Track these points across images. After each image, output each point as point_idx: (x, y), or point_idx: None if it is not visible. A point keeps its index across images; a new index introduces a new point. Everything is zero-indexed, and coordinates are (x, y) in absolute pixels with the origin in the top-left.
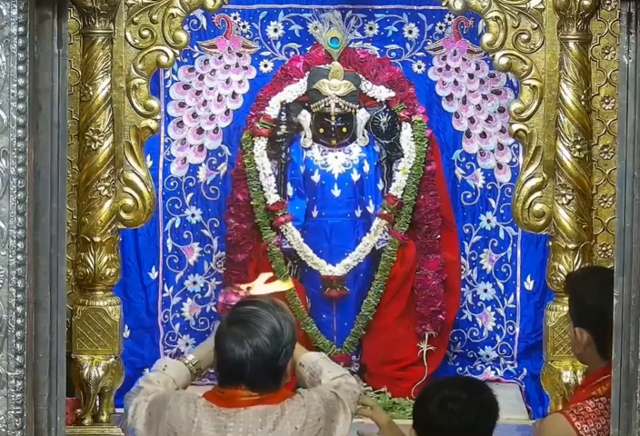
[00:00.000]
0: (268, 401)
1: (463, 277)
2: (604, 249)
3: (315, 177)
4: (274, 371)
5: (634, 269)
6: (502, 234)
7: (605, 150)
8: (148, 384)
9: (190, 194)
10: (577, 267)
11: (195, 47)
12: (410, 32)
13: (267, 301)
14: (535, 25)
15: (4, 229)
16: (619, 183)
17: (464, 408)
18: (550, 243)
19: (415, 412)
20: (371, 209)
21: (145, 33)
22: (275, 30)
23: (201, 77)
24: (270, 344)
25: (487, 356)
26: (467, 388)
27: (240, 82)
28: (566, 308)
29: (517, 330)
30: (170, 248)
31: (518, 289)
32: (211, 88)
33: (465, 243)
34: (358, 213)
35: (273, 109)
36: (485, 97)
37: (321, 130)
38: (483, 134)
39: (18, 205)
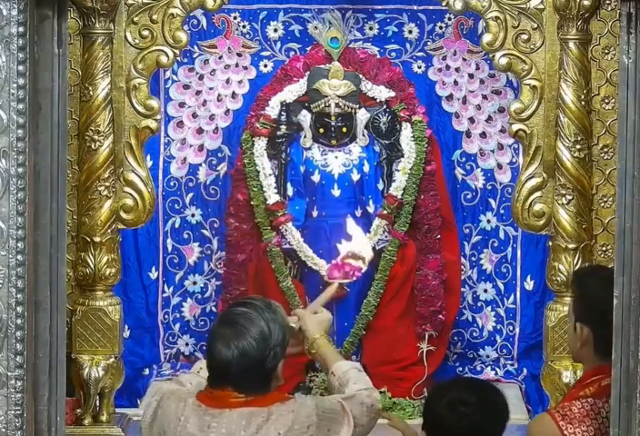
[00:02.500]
0: (256, 403)
1: (463, 277)
2: (604, 249)
3: (315, 177)
4: (261, 373)
5: (634, 269)
6: (502, 234)
7: (605, 150)
8: (174, 384)
9: (190, 194)
10: (577, 267)
11: (195, 47)
12: (410, 32)
13: (260, 302)
14: (535, 25)
15: (4, 229)
16: (619, 183)
17: (473, 411)
18: (550, 243)
19: (424, 413)
20: (371, 209)
21: (145, 33)
22: (275, 30)
23: (201, 77)
24: (257, 347)
25: (487, 356)
26: (477, 390)
27: (240, 82)
28: (567, 308)
29: (517, 330)
30: (170, 248)
31: (518, 289)
32: (211, 88)
33: (465, 243)
34: (358, 213)
35: (273, 109)
36: (484, 97)
37: (321, 130)
38: (483, 134)
39: (18, 205)
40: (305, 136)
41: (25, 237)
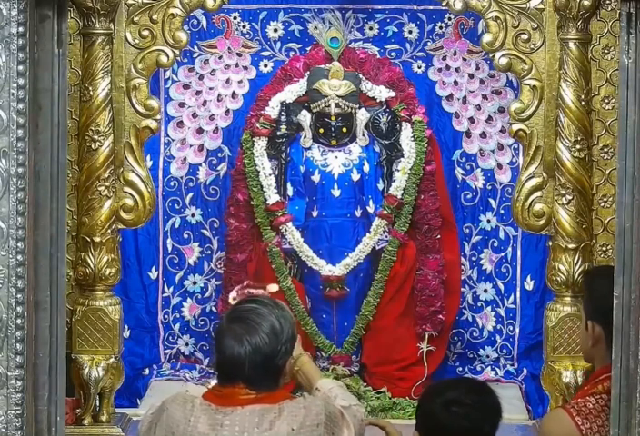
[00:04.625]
0: (266, 400)
1: (463, 277)
2: (604, 249)
3: (315, 177)
4: (272, 369)
5: (634, 269)
6: (502, 234)
7: (605, 150)
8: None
9: (190, 194)
10: (577, 267)
11: (195, 47)
12: (410, 32)
13: (267, 299)
14: (535, 25)
15: (4, 229)
16: (619, 183)
17: (468, 411)
18: (550, 243)
19: (418, 414)
20: (371, 209)
21: (145, 33)
22: (275, 30)
23: (201, 77)
24: (269, 342)
25: (487, 356)
26: (471, 390)
27: (240, 82)
28: (567, 308)
29: (517, 330)
30: (170, 248)
31: (518, 289)
32: (211, 88)
33: (465, 243)
34: (358, 213)
35: (273, 109)
36: (484, 97)
37: (321, 130)
38: (483, 134)
39: (18, 205)
40: (304, 136)
41: (25, 237)
